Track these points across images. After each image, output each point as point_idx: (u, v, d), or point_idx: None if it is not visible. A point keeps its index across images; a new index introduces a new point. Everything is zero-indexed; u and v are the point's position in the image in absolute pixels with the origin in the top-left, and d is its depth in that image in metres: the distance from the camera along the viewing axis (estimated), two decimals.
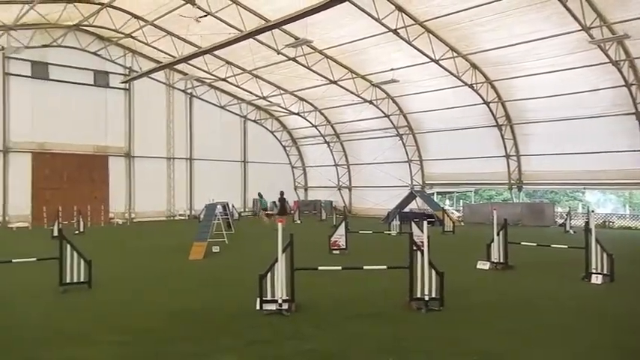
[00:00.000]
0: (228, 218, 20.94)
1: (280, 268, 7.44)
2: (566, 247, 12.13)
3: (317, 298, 8.33)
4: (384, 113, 29.78)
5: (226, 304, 8.14)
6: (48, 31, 25.78)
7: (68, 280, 9.19)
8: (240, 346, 5.96)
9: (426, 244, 7.92)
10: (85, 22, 25.16)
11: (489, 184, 31.83)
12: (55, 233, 18.12)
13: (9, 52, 24.29)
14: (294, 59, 25.18)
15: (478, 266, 11.51)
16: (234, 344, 6.05)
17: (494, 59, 22.73)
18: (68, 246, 9.17)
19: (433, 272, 7.69)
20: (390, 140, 31.54)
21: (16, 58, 25.66)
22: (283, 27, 20.08)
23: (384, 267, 8.54)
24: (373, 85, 27.13)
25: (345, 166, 35.36)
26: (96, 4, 22.52)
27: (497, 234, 11.36)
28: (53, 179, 27.16)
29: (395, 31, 20.77)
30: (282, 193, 23.16)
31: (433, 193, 31.33)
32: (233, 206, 28.15)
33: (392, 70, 24.13)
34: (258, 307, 7.48)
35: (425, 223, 8.92)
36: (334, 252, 14.33)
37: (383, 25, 20.50)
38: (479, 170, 27.92)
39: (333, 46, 23.82)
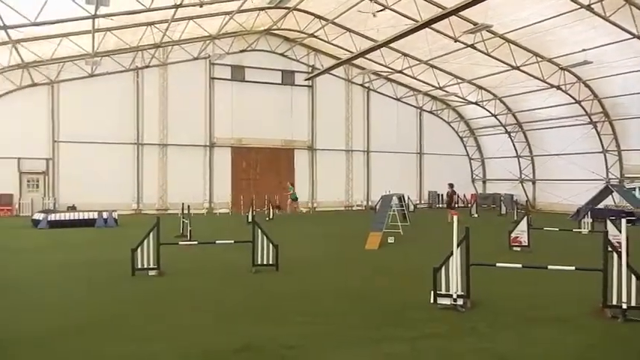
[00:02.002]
0: (403, 210, 21.09)
1: (455, 263, 7.34)
2: None
3: (494, 297, 8.01)
4: (574, 99, 26.91)
5: (400, 295, 8.30)
6: (244, 37, 28.93)
7: (259, 262, 10.28)
8: (414, 338, 6.06)
9: (624, 244, 7.08)
10: (275, 27, 27.62)
11: None
12: (250, 219, 20.32)
13: (214, 58, 27.99)
14: (472, 46, 24.21)
15: None
16: (407, 335, 6.18)
17: None
18: (259, 231, 10.26)
19: (633, 277, 6.82)
20: (581, 129, 28.41)
21: (219, 64, 29.31)
22: (460, 13, 19.39)
23: (572, 268, 7.82)
24: (561, 68, 24.75)
25: (529, 158, 32.87)
26: (284, 8, 24.48)
27: None
28: (248, 171, 30.51)
29: (588, 7, 18.66)
30: (451, 186, 22.55)
31: (634, 188, 27.32)
32: (409, 198, 28.25)
33: (584, 50, 21.76)
34: (432, 301, 7.50)
35: (623, 221, 7.92)
36: (514, 249, 13.58)
37: (573, 1, 18.55)
38: None
39: (515, 29, 22.26)
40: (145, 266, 9.73)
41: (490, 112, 32.81)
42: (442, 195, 34.60)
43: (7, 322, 6.71)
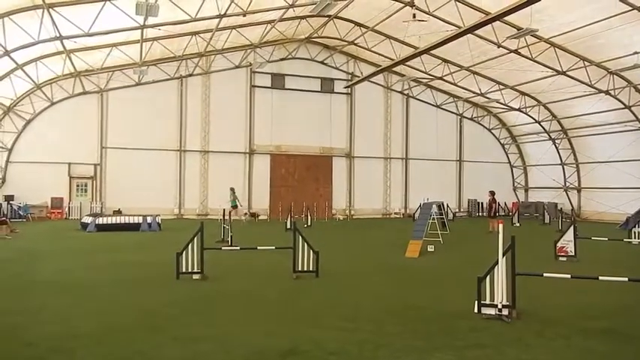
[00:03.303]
0: (443, 218, 20.83)
1: (500, 272, 7.22)
2: None
3: (541, 307, 7.84)
4: (623, 104, 25.93)
5: (443, 304, 8.21)
6: (285, 45, 29.37)
7: (300, 269, 10.36)
8: (459, 347, 5.99)
9: None
10: (315, 35, 27.88)
11: None
12: (289, 226, 20.52)
13: (255, 67, 28.47)
14: (516, 51, 23.72)
15: None
16: (452, 344, 6.11)
17: None
18: (300, 238, 10.34)
19: None
20: (630, 135, 27.27)
21: (260, 72, 29.79)
22: (504, 18, 19.06)
23: (625, 279, 7.57)
24: (610, 72, 23.92)
25: (574, 165, 31.89)
26: (324, 16, 24.68)
27: None
28: (287, 178, 30.78)
29: None
30: (492, 194, 22.09)
31: None
32: (448, 206, 27.88)
33: (636, 53, 21.01)
34: (476, 310, 7.39)
35: None
36: (560, 259, 13.21)
37: (625, 2, 17.97)
38: None
39: (562, 33, 21.60)
40: (189, 270, 9.96)
41: (533, 119, 32.04)
42: (482, 203, 34.00)
43: (66, 319, 7.03)
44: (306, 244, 10.35)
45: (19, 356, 5.58)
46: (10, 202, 25.02)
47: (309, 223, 23.62)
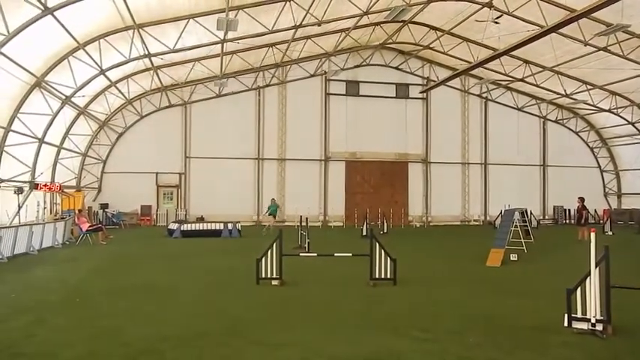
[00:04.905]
0: (526, 226, 19.89)
1: (593, 284, 6.79)
2: None
3: (639, 323, 7.27)
4: None
5: (527, 316, 7.83)
6: (359, 52, 29.50)
7: (377, 276, 10.30)
8: None
9: None
10: (389, 41, 27.77)
11: None
12: (364, 233, 20.48)
13: (330, 74, 28.83)
14: (605, 49, 22.32)
15: None
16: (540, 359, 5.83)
17: None
18: (377, 244, 10.29)
19: None
20: None
21: (335, 80, 30.08)
22: (592, 15, 18.00)
23: None
24: None
25: None
26: (399, 22, 24.55)
27: None
28: (362, 185, 30.75)
29: None
30: (581, 200, 20.76)
31: None
32: (531, 213, 26.57)
33: None
34: (565, 324, 7.00)
35: None
36: None
37: None
38: None
39: None
40: (269, 276, 10.21)
41: (626, 120, 29.90)
42: (569, 210, 32.12)
43: (155, 321, 7.46)
44: (383, 251, 10.29)
45: (115, 355, 5.97)
46: (105, 209, 26.92)
47: (385, 230, 23.43)
